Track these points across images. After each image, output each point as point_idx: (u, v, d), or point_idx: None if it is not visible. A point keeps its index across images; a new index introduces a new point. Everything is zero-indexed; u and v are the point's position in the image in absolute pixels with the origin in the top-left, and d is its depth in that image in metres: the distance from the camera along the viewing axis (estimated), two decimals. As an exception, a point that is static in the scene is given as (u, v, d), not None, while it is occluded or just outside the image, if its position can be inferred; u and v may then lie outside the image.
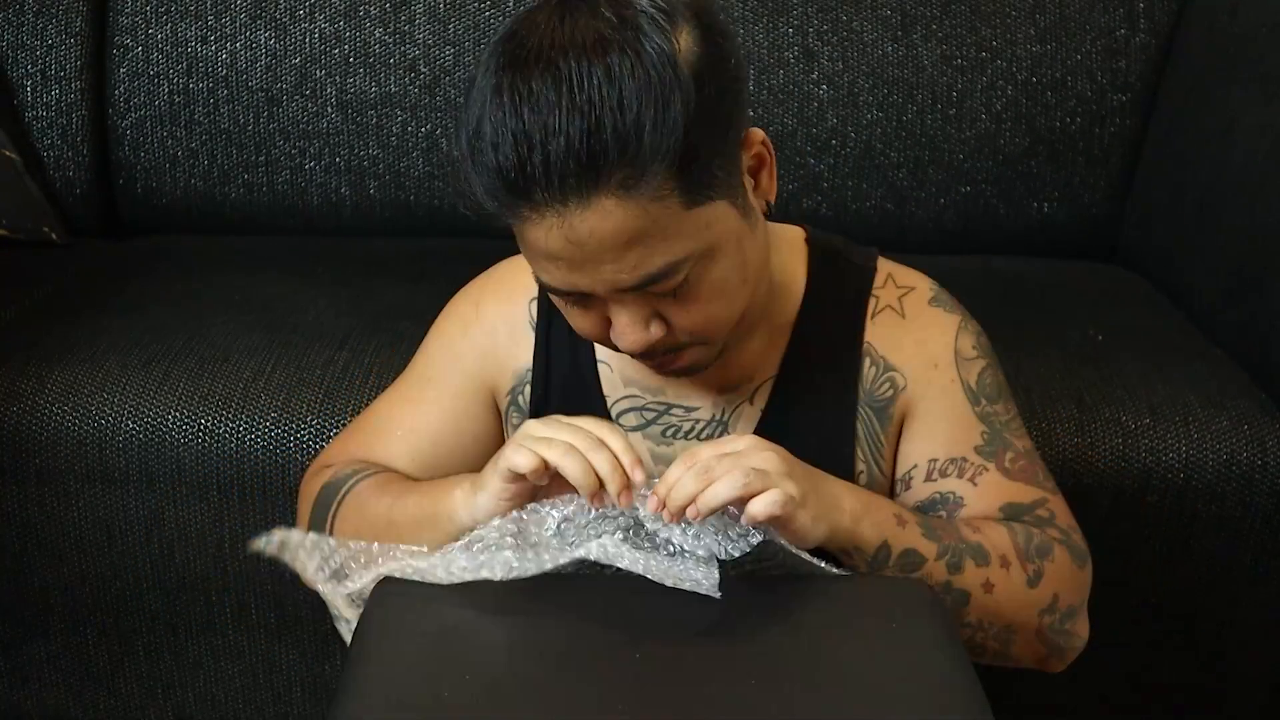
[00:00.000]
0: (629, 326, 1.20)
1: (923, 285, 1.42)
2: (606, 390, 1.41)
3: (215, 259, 2.27)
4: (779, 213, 1.34)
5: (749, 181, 1.23)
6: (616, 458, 1.19)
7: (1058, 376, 1.87)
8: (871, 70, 2.27)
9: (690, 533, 1.19)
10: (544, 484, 1.22)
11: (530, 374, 1.42)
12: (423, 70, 2.29)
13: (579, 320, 1.25)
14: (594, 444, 1.19)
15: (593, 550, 1.16)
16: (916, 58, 2.27)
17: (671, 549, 1.20)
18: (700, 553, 1.19)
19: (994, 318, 2.00)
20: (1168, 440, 1.78)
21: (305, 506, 1.42)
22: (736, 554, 1.18)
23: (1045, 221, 2.33)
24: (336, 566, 1.23)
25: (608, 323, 1.23)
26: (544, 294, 1.42)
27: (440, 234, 2.37)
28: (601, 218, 1.11)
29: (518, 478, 1.20)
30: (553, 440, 1.19)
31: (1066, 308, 2.12)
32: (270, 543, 1.25)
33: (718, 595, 1.15)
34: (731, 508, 1.19)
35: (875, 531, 1.24)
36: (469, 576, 1.19)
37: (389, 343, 1.90)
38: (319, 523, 1.38)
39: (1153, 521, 1.79)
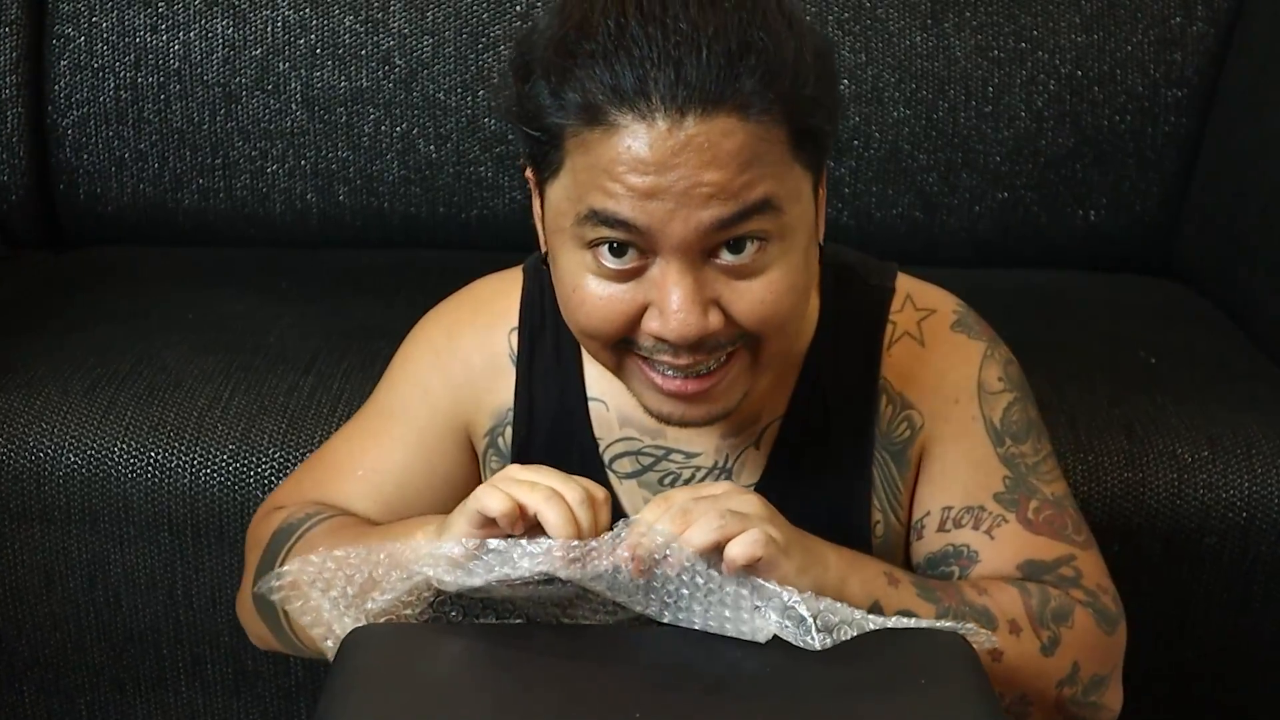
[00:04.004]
0: (686, 304, 1.17)
1: (945, 307, 1.42)
2: (599, 432, 1.41)
3: (167, 273, 2.28)
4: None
5: None
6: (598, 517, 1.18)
7: (1105, 404, 1.88)
8: (898, 62, 2.28)
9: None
10: (518, 534, 1.19)
11: (512, 414, 1.42)
12: (398, 63, 2.30)
13: (608, 304, 1.20)
14: (582, 498, 1.18)
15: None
16: (948, 48, 2.28)
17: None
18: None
19: (1034, 339, 2.00)
20: (1228, 475, 1.79)
21: (254, 554, 1.42)
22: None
23: (1091, 231, 2.34)
24: (364, 579, 1.22)
25: (639, 312, 1.20)
26: (525, 325, 1.41)
27: (417, 245, 2.38)
28: (723, 134, 1.13)
29: (487, 522, 1.18)
30: (536, 485, 1.18)
31: (1115, 327, 2.13)
32: (281, 582, 1.24)
33: (763, 640, 1.17)
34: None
35: (864, 590, 1.25)
36: (514, 569, 1.17)
37: (360, 366, 1.91)
38: (267, 569, 1.36)
39: (1212, 566, 1.80)
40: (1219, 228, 2.24)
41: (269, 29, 2.30)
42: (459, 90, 2.29)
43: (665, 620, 1.20)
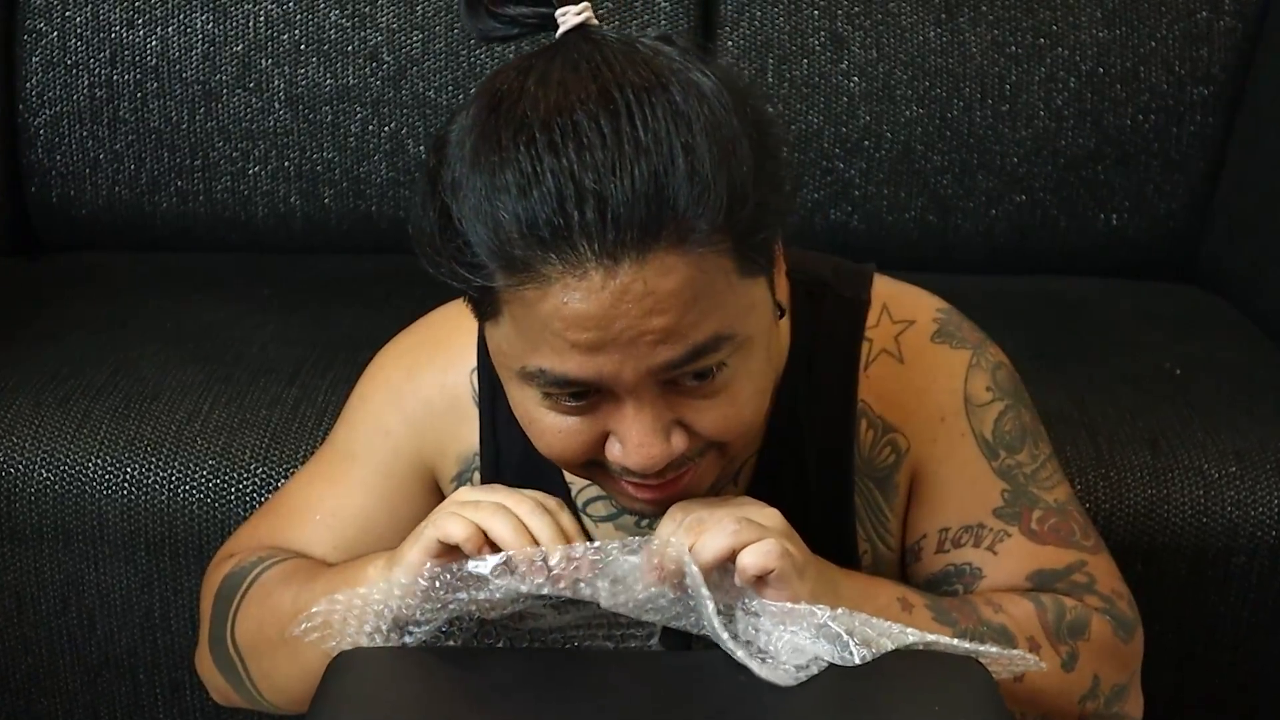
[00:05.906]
0: (648, 436, 1.16)
1: (924, 315, 1.39)
2: (570, 476, 1.38)
3: (144, 280, 2.29)
4: (800, 225, 1.33)
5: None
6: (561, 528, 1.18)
7: (1128, 416, 1.89)
8: (910, 59, 2.29)
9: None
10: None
11: (478, 460, 1.41)
12: (386, 59, 2.30)
13: (567, 438, 1.19)
14: (533, 508, 1.18)
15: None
16: (963, 44, 2.29)
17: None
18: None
19: (1052, 348, 2.01)
20: (1257, 492, 1.80)
21: (207, 603, 1.42)
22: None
23: (1113, 235, 2.34)
24: (394, 613, 1.21)
25: (600, 440, 1.19)
26: (484, 366, 1.38)
27: (406, 250, 2.35)
28: (661, 274, 1.09)
29: (446, 551, 1.18)
30: (480, 503, 1.18)
31: (1138, 336, 2.14)
32: (312, 624, 1.23)
33: (798, 678, 1.17)
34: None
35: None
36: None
37: (346, 377, 1.90)
38: (220, 619, 1.37)
39: (1239, 587, 1.80)
40: (1246, 232, 2.24)
41: (251, 24, 2.31)
42: (450, 88, 2.29)
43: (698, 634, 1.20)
